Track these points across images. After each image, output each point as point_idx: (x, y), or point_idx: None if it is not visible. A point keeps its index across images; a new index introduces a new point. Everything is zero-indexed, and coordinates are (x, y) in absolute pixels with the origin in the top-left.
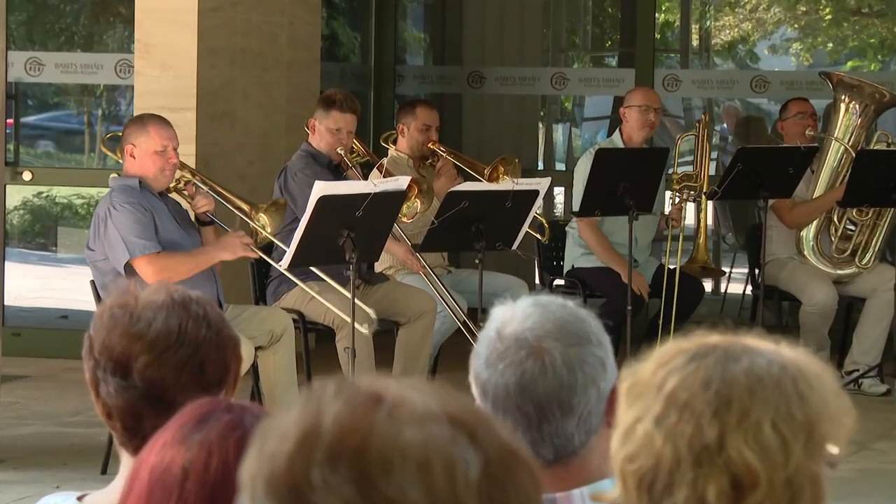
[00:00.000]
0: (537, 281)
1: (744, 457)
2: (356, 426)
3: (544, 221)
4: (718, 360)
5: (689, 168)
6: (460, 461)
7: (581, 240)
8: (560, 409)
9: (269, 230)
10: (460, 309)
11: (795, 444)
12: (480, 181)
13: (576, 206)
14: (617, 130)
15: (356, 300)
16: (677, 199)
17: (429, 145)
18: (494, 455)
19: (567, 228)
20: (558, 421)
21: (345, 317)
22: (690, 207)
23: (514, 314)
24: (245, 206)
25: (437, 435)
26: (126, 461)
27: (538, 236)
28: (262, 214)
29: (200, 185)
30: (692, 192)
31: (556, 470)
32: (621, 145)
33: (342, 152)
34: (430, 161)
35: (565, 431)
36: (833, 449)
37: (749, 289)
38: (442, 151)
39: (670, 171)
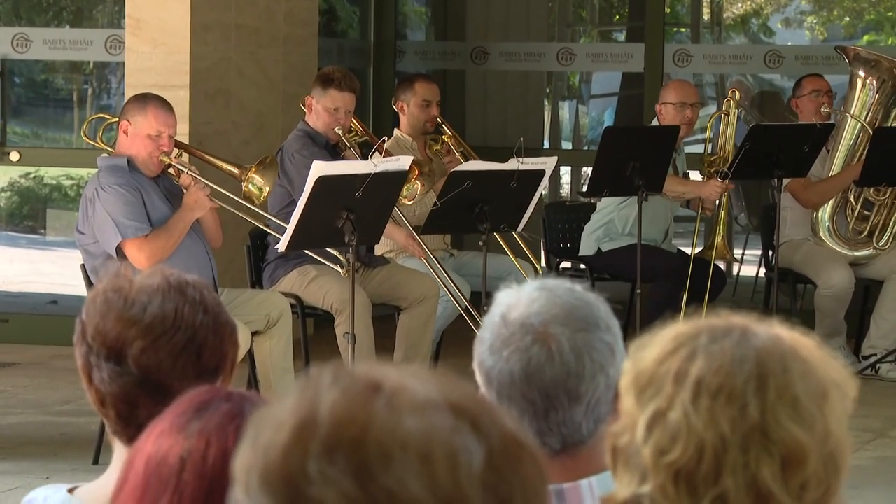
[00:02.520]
0: (543, 264)
1: (792, 433)
2: (354, 416)
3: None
4: (741, 339)
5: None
6: (463, 452)
7: (604, 223)
8: (567, 397)
9: (266, 190)
10: (462, 294)
11: (828, 415)
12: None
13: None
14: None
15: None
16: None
17: (431, 122)
18: (498, 445)
19: (594, 212)
20: (566, 409)
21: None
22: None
23: (520, 298)
24: (235, 170)
25: (439, 425)
26: (119, 451)
27: None
28: (255, 175)
29: (179, 166)
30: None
31: (563, 460)
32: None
33: (340, 132)
34: (437, 148)
35: (573, 420)
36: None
37: (763, 272)
38: (446, 127)
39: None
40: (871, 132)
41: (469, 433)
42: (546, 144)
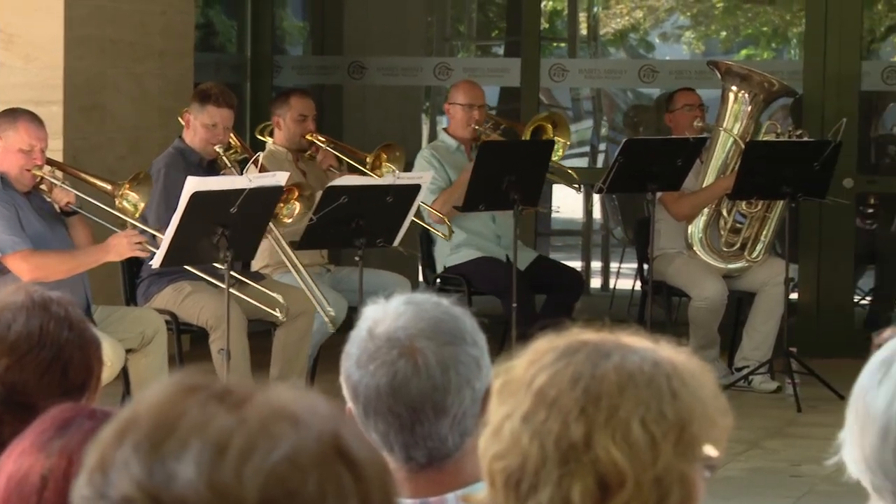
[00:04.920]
0: (420, 279)
1: (611, 455)
2: (169, 410)
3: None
4: (588, 357)
5: (581, 161)
6: (262, 449)
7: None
8: (433, 411)
9: (141, 206)
10: (329, 309)
11: (665, 443)
12: (363, 173)
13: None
14: (443, 130)
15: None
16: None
17: (307, 136)
18: (312, 446)
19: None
20: (432, 423)
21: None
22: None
23: (386, 313)
24: (108, 186)
25: (249, 422)
26: None
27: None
28: (129, 191)
29: (51, 179)
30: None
31: (429, 473)
32: (452, 142)
33: (219, 149)
34: (309, 153)
35: (439, 433)
36: (711, 451)
37: (638, 285)
38: (321, 142)
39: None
40: (742, 146)
41: (276, 433)
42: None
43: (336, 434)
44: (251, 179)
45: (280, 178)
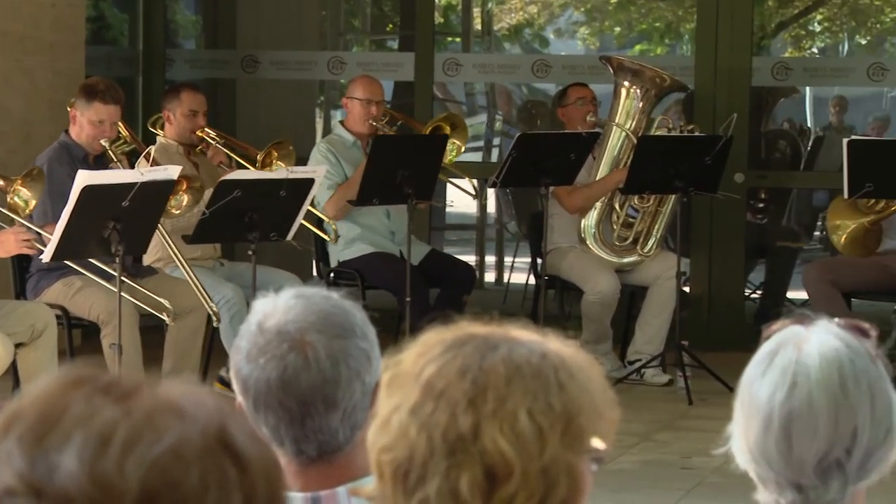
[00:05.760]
0: (314, 273)
1: (498, 446)
2: (55, 402)
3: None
4: (476, 349)
5: (475, 155)
6: (146, 441)
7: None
8: (324, 404)
9: (32, 203)
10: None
11: (552, 435)
12: (252, 168)
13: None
14: (339, 123)
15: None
16: None
17: (197, 132)
18: (196, 440)
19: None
20: (322, 416)
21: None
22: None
23: (276, 306)
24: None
25: (134, 415)
26: None
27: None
28: (21, 187)
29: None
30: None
31: (320, 467)
32: (348, 137)
33: (106, 144)
34: (200, 147)
35: (329, 427)
36: (598, 444)
37: (532, 279)
38: (211, 138)
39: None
40: (635, 141)
41: (161, 426)
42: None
43: (221, 427)
44: (143, 173)
45: (172, 171)
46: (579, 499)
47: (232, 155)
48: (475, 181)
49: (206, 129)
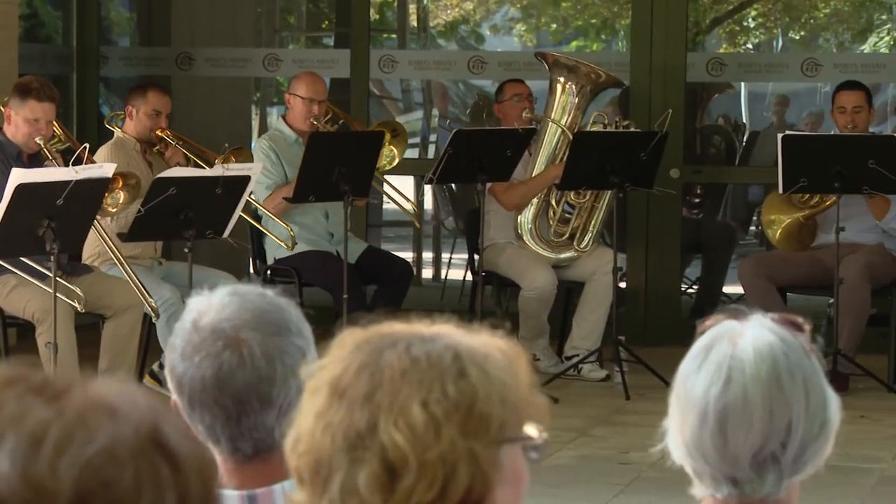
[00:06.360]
0: (251, 271)
1: (393, 440)
2: None
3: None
4: (376, 347)
5: (412, 151)
6: (80, 441)
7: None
8: (259, 402)
9: None
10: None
11: (448, 423)
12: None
13: (260, 192)
14: (281, 118)
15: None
16: None
17: (157, 132)
18: (130, 440)
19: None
20: (257, 414)
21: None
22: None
23: (211, 304)
24: None
25: (66, 414)
26: None
27: None
28: None
29: None
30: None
31: (256, 465)
32: (290, 134)
33: (41, 142)
34: (157, 147)
35: (265, 424)
36: (532, 432)
37: (469, 275)
38: (170, 139)
39: None
40: (571, 136)
41: (94, 425)
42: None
43: (154, 426)
44: (78, 171)
45: (107, 169)
46: (491, 488)
47: (190, 156)
48: (413, 207)
49: (165, 130)
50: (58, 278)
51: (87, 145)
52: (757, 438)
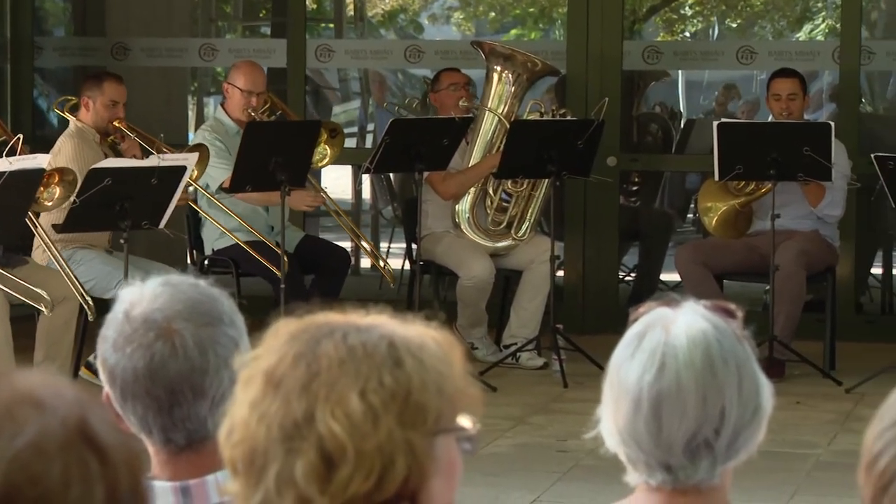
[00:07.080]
0: (188, 261)
1: (331, 429)
2: None
3: None
4: (312, 336)
5: (350, 141)
6: (4, 436)
7: (218, 221)
8: (192, 393)
9: None
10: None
11: (386, 413)
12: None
13: (219, 180)
14: (220, 107)
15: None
16: None
17: (113, 123)
18: (51, 435)
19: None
20: (190, 404)
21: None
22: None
23: (143, 295)
24: None
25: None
26: None
27: None
28: None
29: None
30: None
31: (189, 456)
32: (231, 125)
33: None
34: (112, 138)
35: (198, 415)
36: (465, 422)
37: (407, 264)
38: (127, 130)
39: None
40: (507, 125)
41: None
42: (191, 139)
43: (82, 419)
44: (11, 162)
45: (41, 160)
46: (427, 478)
47: (147, 147)
48: (391, 269)
49: (122, 121)
50: None
51: (20, 136)
52: (691, 425)
